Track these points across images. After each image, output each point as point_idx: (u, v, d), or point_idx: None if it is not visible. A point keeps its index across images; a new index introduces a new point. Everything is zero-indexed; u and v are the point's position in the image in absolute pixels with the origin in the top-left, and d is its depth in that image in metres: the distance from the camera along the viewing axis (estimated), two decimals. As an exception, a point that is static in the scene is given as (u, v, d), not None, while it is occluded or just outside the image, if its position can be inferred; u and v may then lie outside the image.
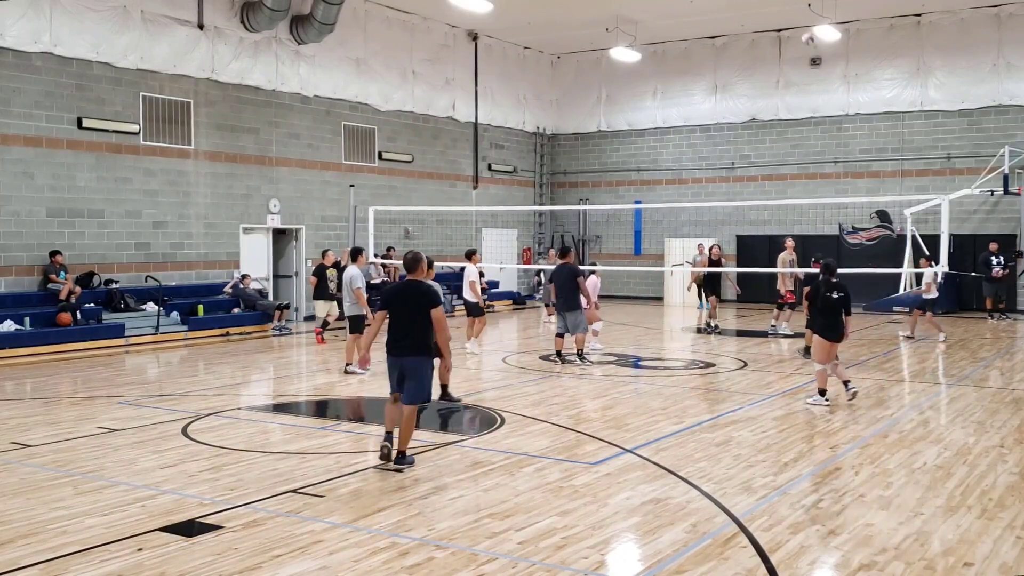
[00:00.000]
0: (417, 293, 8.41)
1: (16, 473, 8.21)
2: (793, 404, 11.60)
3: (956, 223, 23.02)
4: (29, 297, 17.22)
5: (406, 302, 8.40)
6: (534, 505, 7.16)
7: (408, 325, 8.33)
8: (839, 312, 11.39)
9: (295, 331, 20.61)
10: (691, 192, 29.19)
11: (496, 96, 29.14)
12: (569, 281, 14.92)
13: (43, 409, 11.56)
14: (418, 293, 8.41)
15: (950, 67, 25.53)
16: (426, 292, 8.42)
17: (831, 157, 27.21)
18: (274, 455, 8.91)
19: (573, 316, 14.84)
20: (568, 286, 14.89)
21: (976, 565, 5.91)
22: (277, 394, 13.29)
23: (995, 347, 17.69)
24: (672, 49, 29.29)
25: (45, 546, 6.21)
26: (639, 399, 12.28)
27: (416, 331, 8.32)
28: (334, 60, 23.42)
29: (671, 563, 5.93)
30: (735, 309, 26.49)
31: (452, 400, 11.61)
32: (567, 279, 14.97)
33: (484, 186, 28.93)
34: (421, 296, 8.38)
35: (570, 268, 15.22)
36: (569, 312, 14.87)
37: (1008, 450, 9.10)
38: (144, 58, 19.15)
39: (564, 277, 15.06)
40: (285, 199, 22.38)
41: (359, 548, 6.17)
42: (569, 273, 15.07)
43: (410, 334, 8.32)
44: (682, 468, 8.33)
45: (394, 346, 8.40)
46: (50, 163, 17.78)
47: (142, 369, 15.44)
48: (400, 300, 8.45)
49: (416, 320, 8.32)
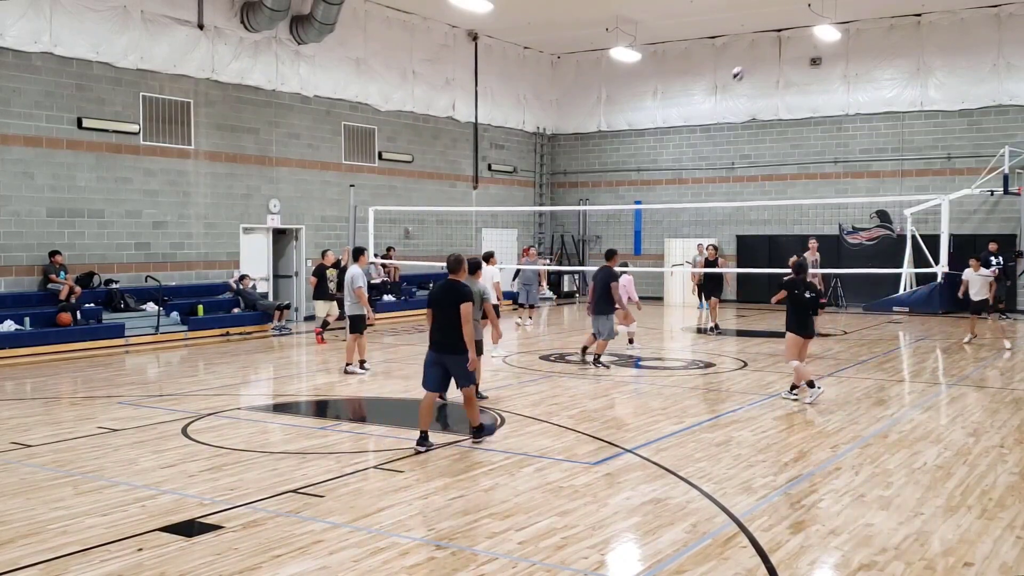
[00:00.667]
0: (453, 292, 9.12)
1: (16, 473, 8.22)
2: (793, 404, 11.60)
3: (956, 223, 23.03)
4: (29, 297, 17.22)
5: (445, 301, 9.10)
6: (534, 505, 7.16)
7: (448, 322, 9.02)
8: (811, 311, 11.87)
9: (295, 331, 20.61)
10: (691, 192, 29.20)
11: (496, 96, 29.14)
12: (603, 285, 14.62)
13: (43, 409, 11.56)
14: (454, 292, 9.11)
15: (950, 67, 25.54)
16: (459, 290, 9.11)
17: (831, 157, 27.22)
18: (274, 455, 8.92)
19: (599, 321, 14.61)
20: (601, 290, 14.61)
21: (976, 565, 5.91)
22: (277, 394, 13.29)
23: (995, 347, 17.67)
24: (672, 49, 29.30)
25: (45, 546, 6.22)
26: (639, 399, 12.28)
27: (455, 328, 8.96)
28: (334, 60, 23.42)
29: (671, 563, 5.93)
30: (735, 309, 26.49)
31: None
32: (601, 282, 14.67)
33: (484, 186, 28.93)
34: (456, 294, 9.06)
35: (606, 271, 14.79)
36: (597, 316, 14.62)
37: (1008, 450, 9.10)
38: (144, 58, 19.16)
39: (599, 280, 14.75)
40: (285, 199, 22.38)
41: (359, 548, 6.17)
42: (604, 276, 14.71)
43: (450, 331, 9.00)
44: (682, 468, 8.33)
45: (436, 342, 9.12)
46: (50, 163, 17.78)
47: (142, 369, 15.44)
48: (440, 299, 9.17)
49: (454, 317, 8.97)
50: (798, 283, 11.78)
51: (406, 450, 8.99)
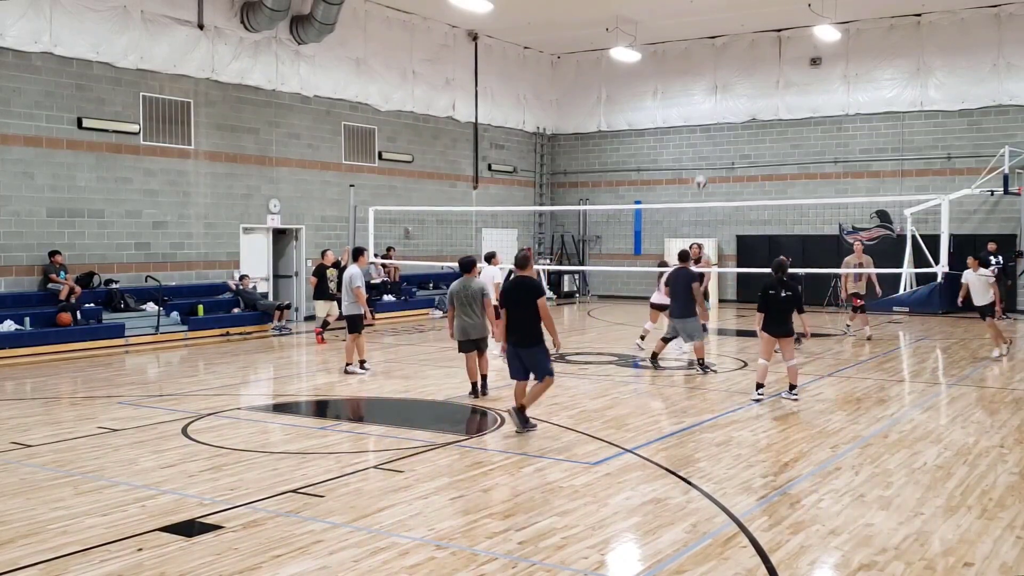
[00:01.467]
0: (525, 288, 9.71)
1: (16, 473, 8.22)
2: (793, 404, 11.59)
3: (956, 223, 23.02)
4: (29, 297, 17.22)
5: (519, 297, 9.66)
6: (534, 505, 7.16)
7: (521, 317, 9.62)
8: (785, 311, 11.66)
9: (295, 331, 20.60)
10: (691, 192, 29.19)
11: (496, 96, 29.14)
12: (685, 286, 14.06)
13: (43, 409, 11.56)
14: (526, 288, 9.71)
15: (950, 67, 25.53)
16: (533, 287, 9.75)
17: (831, 157, 27.21)
18: (274, 455, 8.92)
19: (687, 324, 14.09)
20: (684, 292, 14.06)
21: (976, 565, 5.91)
22: (277, 394, 13.29)
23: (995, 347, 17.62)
24: (672, 49, 29.29)
25: (45, 546, 6.22)
26: (639, 399, 12.28)
27: (528, 322, 9.57)
28: (334, 60, 23.42)
29: (671, 563, 5.93)
30: (735, 309, 26.50)
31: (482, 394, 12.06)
32: (684, 284, 14.08)
33: (484, 186, 28.93)
34: (529, 290, 9.65)
35: (686, 273, 14.22)
36: (683, 319, 14.09)
37: (1008, 450, 9.10)
38: (144, 58, 19.16)
39: (681, 282, 14.14)
40: (285, 199, 22.38)
41: (359, 548, 6.17)
42: (685, 278, 14.12)
43: (523, 325, 9.61)
44: (682, 468, 8.33)
45: (513, 337, 9.74)
46: (50, 163, 17.78)
47: (142, 369, 15.44)
48: (514, 296, 9.73)
49: (527, 312, 9.54)
50: (773, 282, 11.71)
51: (406, 450, 8.99)
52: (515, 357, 9.83)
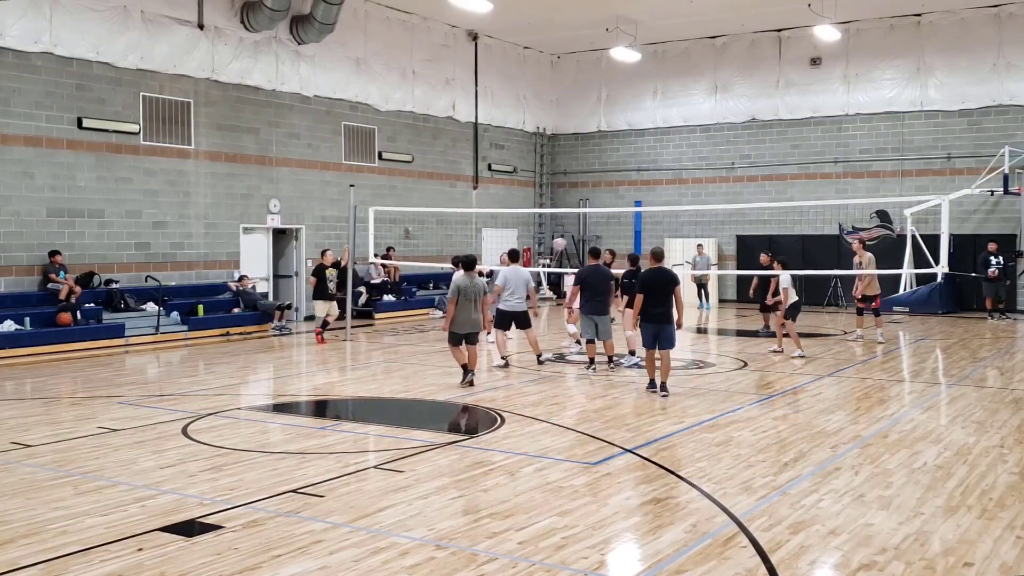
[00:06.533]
0: (667, 278, 12.00)
1: (16, 473, 8.22)
2: (793, 404, 11.60)
3: (956, 223, 23.03)
4: (29, 297, 17.22)
5: (661, 284, 11.91)
6: (534, 505, 7.16)
7: (663, 301, 11.88)
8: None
9: (295, 331, 20.61)
10: (691, 192, 29.19)
11: (496, 96, 29.14)
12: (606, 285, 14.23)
13: (43, 409, 11.56)
14: (668, 278, 12.01)
15: (950, 67, 25.53)
16: (673, 278, 12.07)
17: (831, 157, 27.21)
18: (274, 455, 8.92)
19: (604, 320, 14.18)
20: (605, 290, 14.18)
21: (976, 565, 5.91)
22: (277, 394, 13.29)
23: (995, 347, 17.68)
24: (672, 49, 29.29)
25: (45, 546, 6.21)
26: (639, 399, 12.28)
27: (668, 304, 11.90)
28: (334, 60, 23.42)
29: (671, 563, 5.93)
30: (735, 309, 26.50)
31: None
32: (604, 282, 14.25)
33: (484, 186, 28.93)
34: (671, 280, 12.00)
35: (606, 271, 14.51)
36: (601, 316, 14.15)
37: (1008, 450, 9.10)
38: (144, 58, 19.15)
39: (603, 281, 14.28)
40: (285, 199, 22.38)
41: (359, 548, 6.17)
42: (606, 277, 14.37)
43: (664, 307, 11.89)
44: (682, 468, 8.33)
45: (653, 316, 11.94)
46: (50, 163, 17.78)
47: (142, 369, 15.44)
48: (656, 283, 11.93)
49: (668, 297, 11.88)
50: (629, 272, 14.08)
51: (406, 450, 8.99)
52: (653, 332, 11.97)
